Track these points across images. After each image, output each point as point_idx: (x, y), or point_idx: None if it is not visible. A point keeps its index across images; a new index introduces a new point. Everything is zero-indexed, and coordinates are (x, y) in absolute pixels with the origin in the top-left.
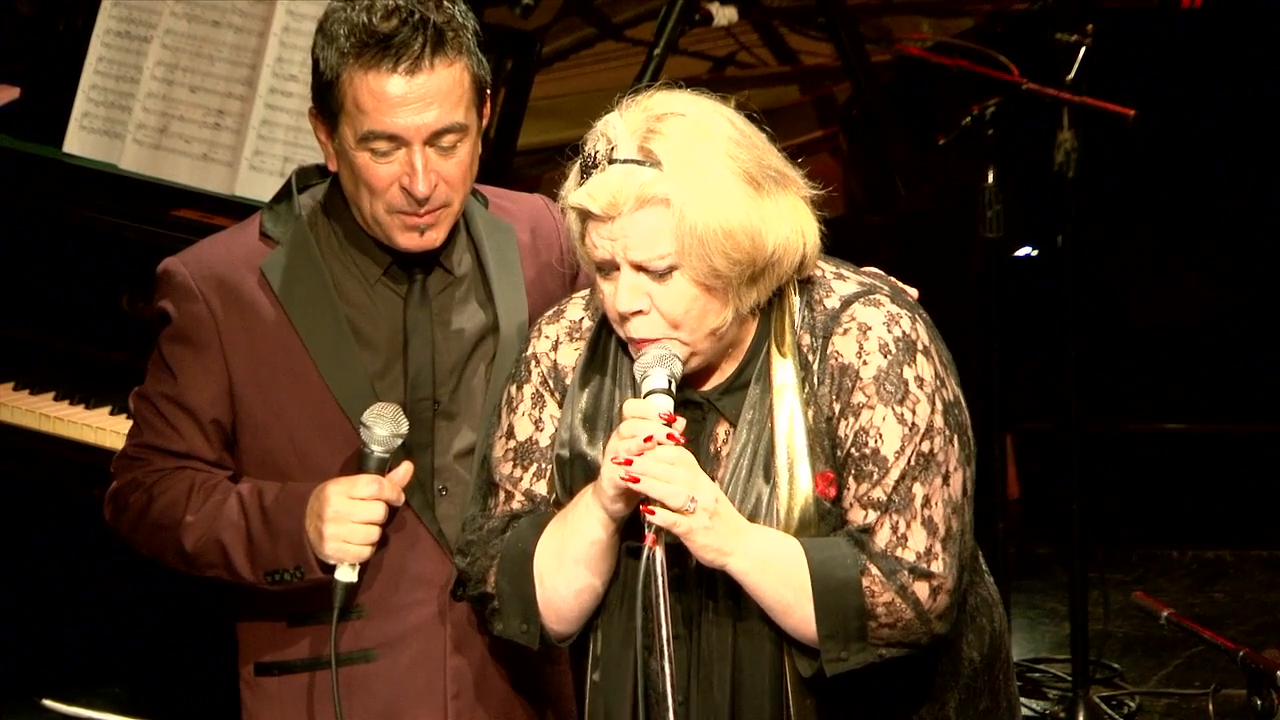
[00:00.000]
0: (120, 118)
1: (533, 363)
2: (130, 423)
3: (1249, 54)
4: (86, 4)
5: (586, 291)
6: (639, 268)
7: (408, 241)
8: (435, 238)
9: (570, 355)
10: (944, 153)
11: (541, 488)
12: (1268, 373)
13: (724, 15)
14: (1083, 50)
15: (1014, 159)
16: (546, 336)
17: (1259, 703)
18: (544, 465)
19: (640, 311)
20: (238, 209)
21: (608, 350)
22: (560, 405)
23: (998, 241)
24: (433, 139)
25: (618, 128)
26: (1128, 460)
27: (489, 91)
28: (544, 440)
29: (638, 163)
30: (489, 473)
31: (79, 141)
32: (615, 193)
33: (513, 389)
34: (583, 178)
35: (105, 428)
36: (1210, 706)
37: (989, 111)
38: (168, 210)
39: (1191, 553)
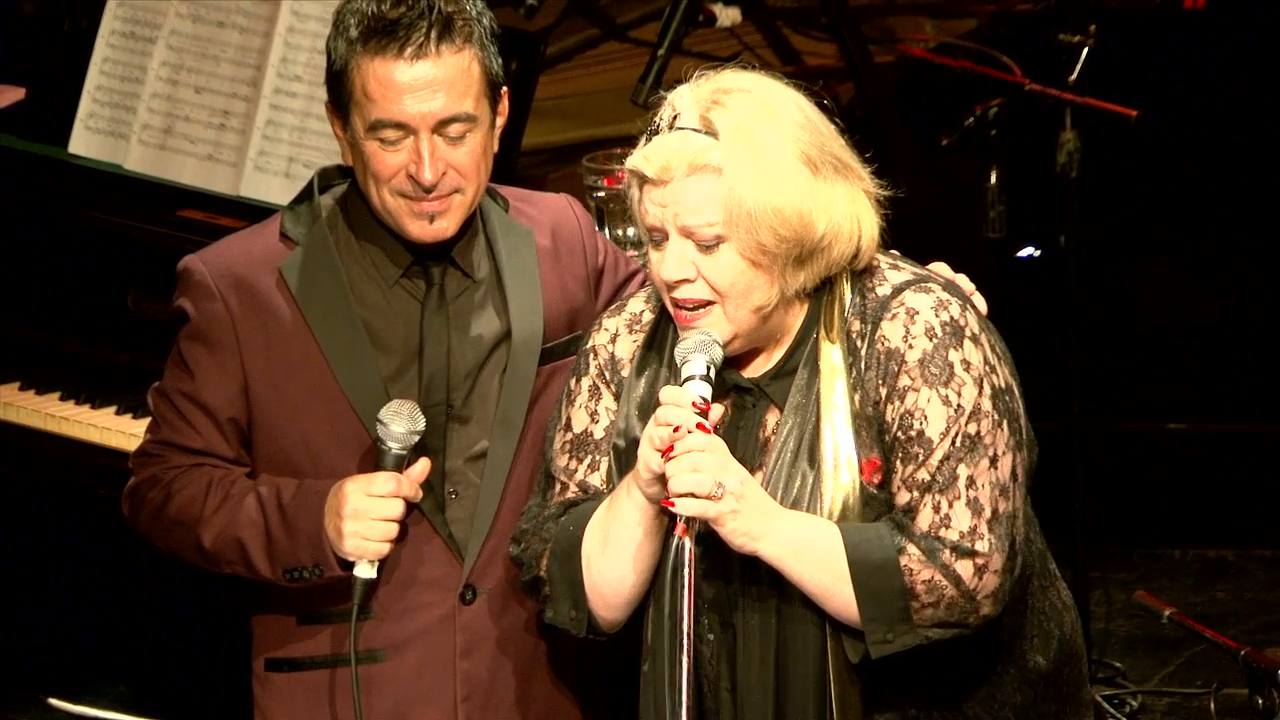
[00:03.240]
0: (125, 118)
1: (591, 355)
2: (135, 422)
3: (1252, 55)
4: (91, 4)
5: (650, 286)
6: (687, 233)
7: (417, 230)
8: (445, 226)
9: (628, 347)
10: (947, 153)
11: (595, 479)
12: (1270, 372)
13: (727, 16)
14: (1085, 51)
15: (1016, 159)
16: (606, 329)
17: (1260, 701)
18: (598, 457)
19: (687, 280)
20: (243, 209)
21: (665, 339)
22: (616, 397)
23: (1000, 242)
24: (440, 127)
25: (685, 98)
26: (1130, 459)
27: (505, 88)
28: (599, 432)
29: (696, 131)
30: (548, 465)
31: (84, 142)
32: (670, 157)
33: (572, 382)
34: (645, 143)
35: (111, 427)
36: (1212, 705)
37: (992, 112)
38: (173, 210)
39: (1193, 552)
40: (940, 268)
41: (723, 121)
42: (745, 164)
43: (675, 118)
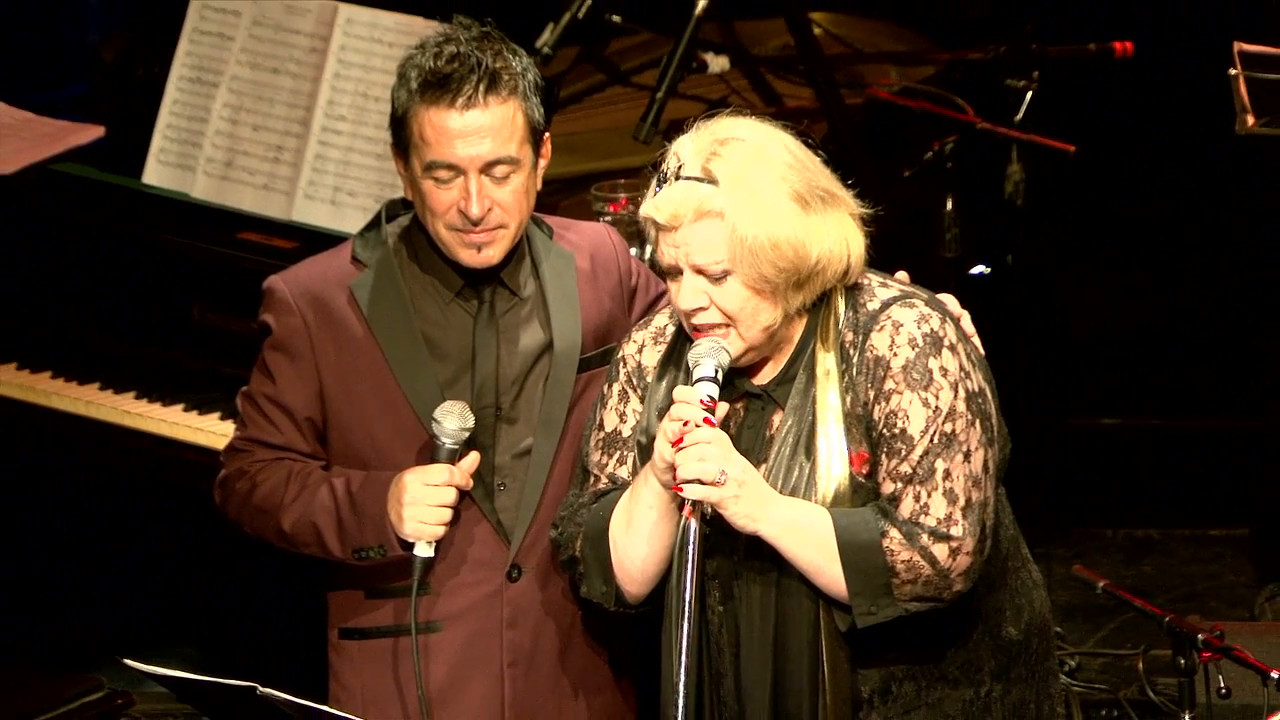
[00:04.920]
0: (192, 153)
1: (621, 364)
2: (201, 418)
3: (1174, 97)
4: (162, 53)
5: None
6: (698, 270)
7: (467, 258)
8: (492, 255)
9: (653, 356)
10: (908, 183)
11: (624, 473)
12: (1190, 374)
13: (718, 64)
14: (1030, 94)
15: (969, 189)
16: (634, 341)
17: (1182, 661)
18: (626, 453)
19: (701, 308)
20: (294, 232)
21: (683, 351)
22: (642, 400)
23: (955, 260)
24: (486, 168)
25: (687, 149)
26: (1068, 450)
27: (547, 133)
28: (626, 431)
29: (699, 180)
30: (583, 460)
31: (156, 173)
32: (677, 206)
33: (605, 387)
34: (656, 192)
35: (179, 422)
36: (1140, 665)
37: (948, 147)
38: (233, 233)
39: (1124, 531)
40: (948, 299)
41: (722, 170)
42: (744, 207)
43: (680, 167)
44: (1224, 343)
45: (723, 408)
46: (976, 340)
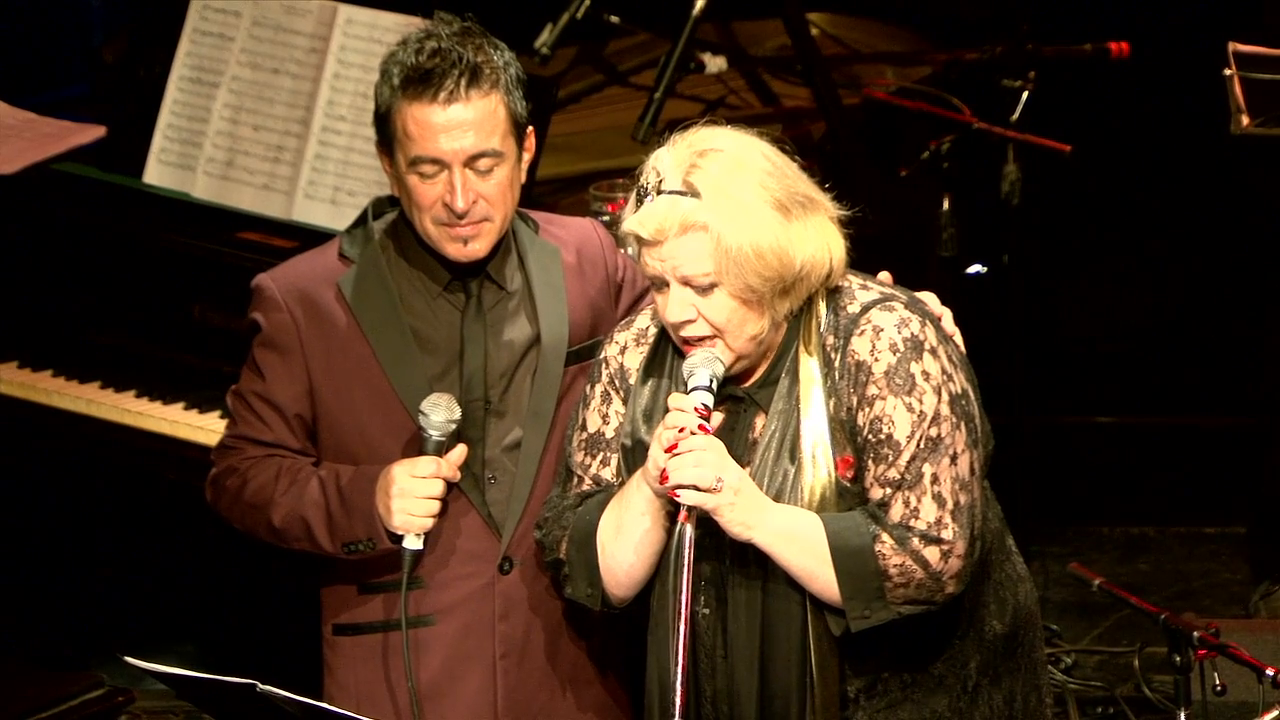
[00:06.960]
0: (193, 153)
1: (604, 365)
2: (200, 416)
3: (1168, 98)
4: (163, 53)
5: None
6: (685, 282)
7: (454, 251)
8: (478, 249)
9: (635, 358)
10: (906, 183)
11: (607, 473)
12: (1184, 373)
13: (715, 64)
14: (1025, 94)
15: (966, 188)
16: (616, 342)
17: (1177, 659)
18: (609, 454)
19: (689, 320)
20: (294, 232)
21: (666, 354)
22: (624, 402)
23: (952, 260)
24: (470, 162)
25: (666, 161)
26: (1064, 448)
27: (530, 127)
28: (609, 432)
29: (681, 193)
30: (567, 460)
31: (157, 173)
32: (662, 221)
33: (588, 388)
34: (637, 206)
35: (179, 420)
36: (1136, 662)
37: (944, 147)
38: (233, 233)
39: (1120, 529)
40: (928, 297)
41: (703, 182)
42: (727, 219)
43: (660, 181)
44: (1220, 341)
45: (717, 417)
46: (958, 338)
